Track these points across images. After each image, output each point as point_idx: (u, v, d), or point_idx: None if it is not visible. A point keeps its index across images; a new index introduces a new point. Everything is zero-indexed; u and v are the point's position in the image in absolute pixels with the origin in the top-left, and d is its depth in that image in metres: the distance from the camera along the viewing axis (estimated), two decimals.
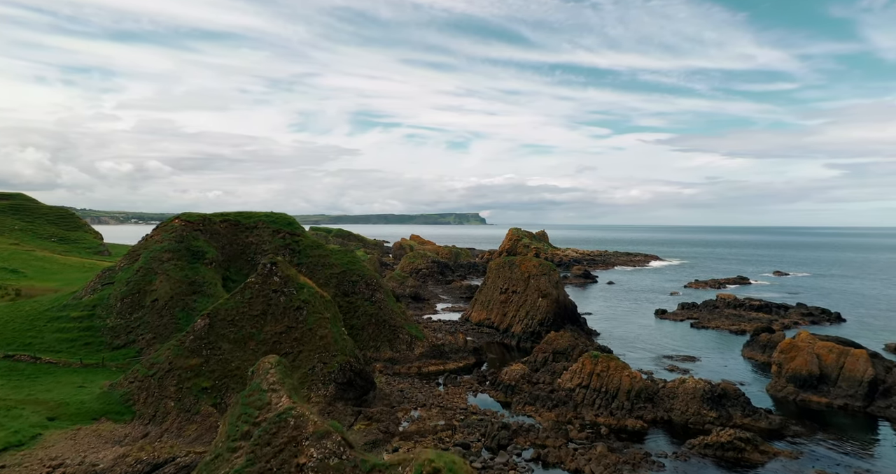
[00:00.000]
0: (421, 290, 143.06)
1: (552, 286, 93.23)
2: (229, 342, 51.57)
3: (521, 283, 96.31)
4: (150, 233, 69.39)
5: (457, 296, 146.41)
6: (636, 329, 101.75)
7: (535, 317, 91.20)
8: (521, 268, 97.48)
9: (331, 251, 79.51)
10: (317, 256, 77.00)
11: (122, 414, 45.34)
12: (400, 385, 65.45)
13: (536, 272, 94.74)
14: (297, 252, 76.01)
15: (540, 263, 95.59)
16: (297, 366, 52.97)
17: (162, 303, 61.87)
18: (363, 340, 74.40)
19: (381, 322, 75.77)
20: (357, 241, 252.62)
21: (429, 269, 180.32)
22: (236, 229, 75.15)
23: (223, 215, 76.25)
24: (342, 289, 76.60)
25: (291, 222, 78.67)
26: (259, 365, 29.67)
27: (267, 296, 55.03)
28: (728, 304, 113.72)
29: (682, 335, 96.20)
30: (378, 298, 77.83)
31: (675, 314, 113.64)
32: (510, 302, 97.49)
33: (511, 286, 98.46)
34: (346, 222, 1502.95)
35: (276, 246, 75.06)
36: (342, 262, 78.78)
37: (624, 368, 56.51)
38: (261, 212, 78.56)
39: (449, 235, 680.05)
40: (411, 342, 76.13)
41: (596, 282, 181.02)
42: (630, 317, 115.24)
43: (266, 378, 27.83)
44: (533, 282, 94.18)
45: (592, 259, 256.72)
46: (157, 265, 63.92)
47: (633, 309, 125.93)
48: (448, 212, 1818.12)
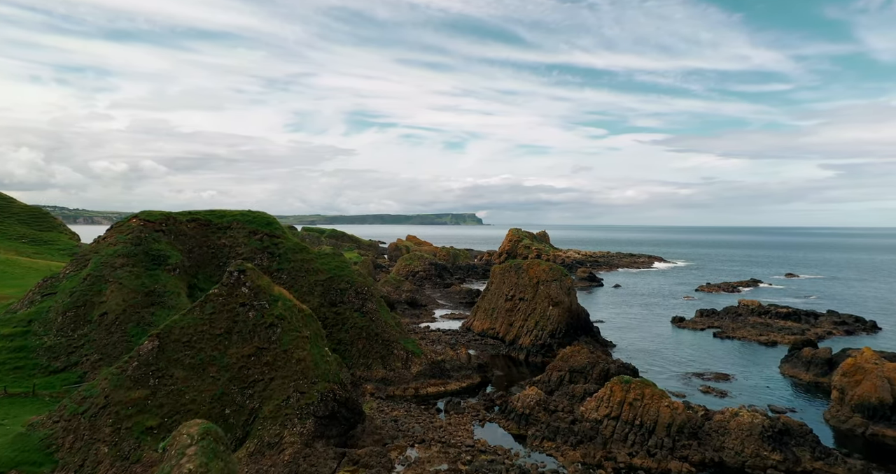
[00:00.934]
0: (418, 295, 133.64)
1: (564, 293, 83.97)
2: (184, 368, 42.02)
3: (529, 290, 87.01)
4: (103, 234, 59.79)
5: (456, 302, 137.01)
6: (653, 339, 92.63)
7: (545, 327, 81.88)
8: (529, 274, 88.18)
9: (316, 255, 70.04)
10: (299, 261, 67.50)
11: (40, 464, 35.74)
12: (394, 411, 56.03)
13: (546, 277, 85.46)
14: (276, 256, 66.50)
15: (550, 268, 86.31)
16: (267, 397, 43.50)
17: (112, 317, 52.25)
18: (352, 357, 64.97)
19: (373, 336, 66.34)
20: (351, 242, 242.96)
21: (426, 272, 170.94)
22: (206, 230, 65.60)
23: (192, 214, 66.62)
24: (329, 298, 67.11)
25: (271, 222, 69.17)
26: (174, 438, 20.24)
27: (233, 310, 45.49)
28: (752, 311, 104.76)
29: (706, 347, 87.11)
30: (369, 309, 68.39)
31: (695, 322, 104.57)
32: (517, 310, 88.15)
33: (518, 293, 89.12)
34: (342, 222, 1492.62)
35: (252, 249, 65.54)
36: (329, 268, 69.31)
37: (662, 397, 47.27)
38: (235, 211, 69.02)
39: (446, 236, 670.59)
40: (407, 359, 66.71)
41: (602, 286, 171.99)
42: (645, 325, 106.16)
43: (180, 465, 18.35)
44: (542, 289, 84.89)
45: (595, 260, 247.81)
46: (108, 272, 54.30)
47: (646, 315, 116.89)
48: (444, 213, 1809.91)
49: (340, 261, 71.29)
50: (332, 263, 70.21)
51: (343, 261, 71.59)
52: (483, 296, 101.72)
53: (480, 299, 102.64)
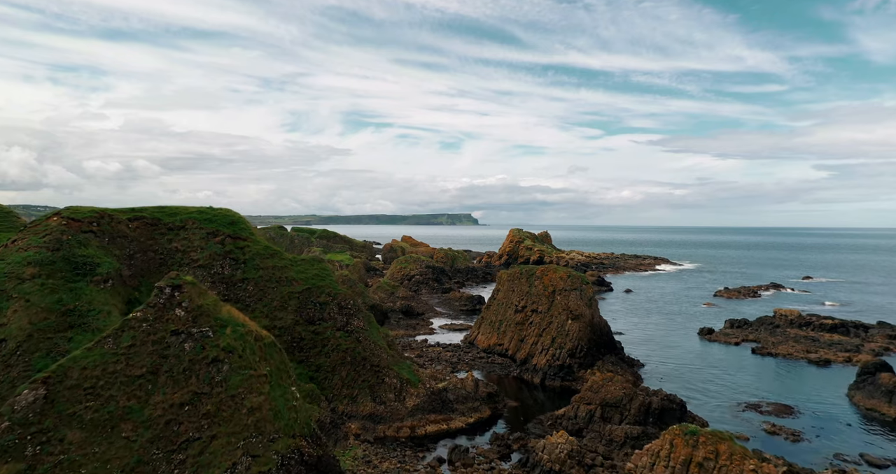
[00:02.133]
0: (414, 302, 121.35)
1: (584, 305, 71.90)
2: (83, 427, 29.68)
3: (543, 300, 74.90)
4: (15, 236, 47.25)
5: (456, 310, 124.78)
6: (684, 356, 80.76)
7: (563, 345, 69.76)
8: (543, 281, 76.10)
9: (291, 261, 57.66)
10: (269, 269, 55.10)
11: None
12: (384, 464, 43.83)
13: (564, 286, 73.38)
14: (240, 263, 54.11)
15: (568, 275, 74.18)
16: (205, 464, 31.19)
17: (13, 345, 39.77)
18: (334, 387, 52.71)
19: (360, 360, 54.09)
20: (343, 243, 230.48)
21: (423, 276, 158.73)
22: (153, 231, 53.16)
23: (136, 211, 54.11)
24: (305, 314, 54.77)
25: (235, 221, 56.74)
26: None
27: (161, 341, 33.15)
28: (791, 322, 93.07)
29: (748, 367, 75.31)
30: (356, 327, 56.10)
31: (726, 334, 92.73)
32: (529, 324, 76.04)
33: (531, 303, 77.00)
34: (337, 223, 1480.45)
35: (210, 254, 53.16)
36: (306, 277, 56.98)
37: (744, 457, 35.19)
38: (191, 208, 56.55)
39: (442, 236, 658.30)
40: (402, 388, 54.48)
41: (612, 290, 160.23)
42: (670, 338, 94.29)
43: None
44: (560, 300, 72.79)
45: (601, 262, 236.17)
46: (11, 286, 41.84)
47: (668, 326, 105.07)
48: (440, 213, 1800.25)
49: (320, 268, 58.95)
50: (310, 271, 57.88)
51: (324, 268, 59.27)
52: (488, 306, 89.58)
53: (485, 309, 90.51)
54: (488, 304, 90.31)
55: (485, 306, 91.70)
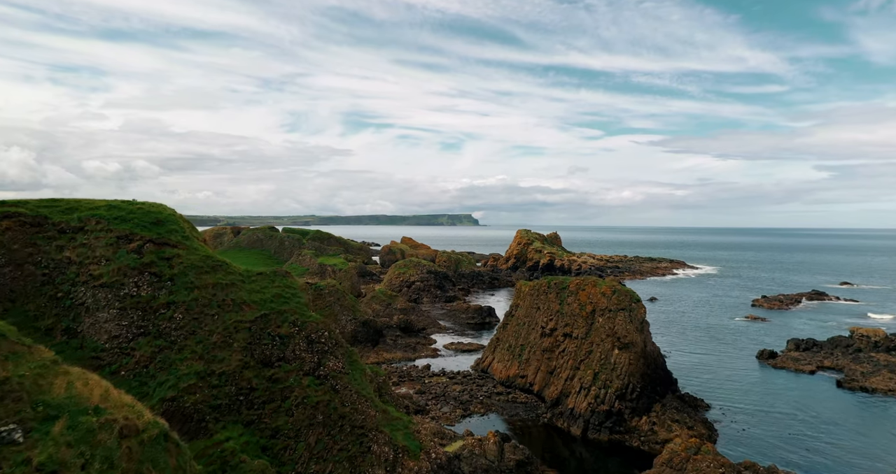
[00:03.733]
0: (413, 316, 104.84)
1: (635, 329, 55.35)
2: None
3: (579, 322, 58.33)
4: None
5: (462, 324, 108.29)
6: (754, 391, 64.27)
7: (609, 383, 53.16)
8: (579, 298, 59.53)
9: (241, 276, 41.15)
10: (208, 288, 38.60)
11: None
12: None
13: (607, 305, 56.83)
14: (165, 279, 37.65)
15: (613, 290, 57.53)
16: None
17: None
18: (298, 461, 36.16)
19: (337, 420, 37.60)
20: (337, 245, 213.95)
21: (424, 282, 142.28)
22: (35, 234, 36.86)
23: (8, 205, 37.65)
24: (259, 353, 38.20)
25: (162, 220, 40.15)
26: None
27: None
28: (876, 345, 76.55)
29: (846, 410, 58.72)
30: (332, 369, 39.58)
31: (795, 360, 76.12)
32: (561, 352, 59.48)
33: (562, 325, 60.43)
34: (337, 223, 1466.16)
35: (119, 267, 36.76)
36: (262, 298, 40.45)
37: None
38: (99, 201, 40.08)
39: (442, 237, 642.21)
40: (395, 460, 38.02)
41: None
42: (723, 362, 77.81)
43: None
44: (602, 323, 56.25)
45: (616, 266, 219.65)
46: None
47: (714, 346, 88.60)
48: (440, 213, 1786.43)
49: (284, 285, 42.38)
50: (269, 290, 41.35)
51: (289, 285, 42.68)
52: (504, 326, 73.10)
53: (501, 329, 74.04)
54: (504, 322, 73.84)
55: (500, 325, 75.20)
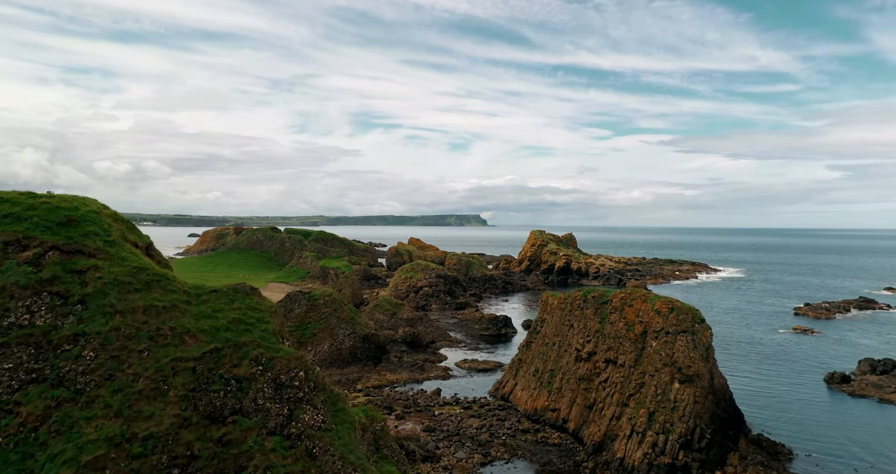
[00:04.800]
0: (421, 326, 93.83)
1: (701, 358, 43.91)
2: None
3: (627, 346, 47.01)
4: None
5: (475, 336, 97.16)
6: (839, 430, 52.56)
7: (670, 425, 41.81)
8: (625, 316, 48.17)
9: (189, 295, 30.35)
10: (136, 314, 27.86)
11: None
12: None
13: (663, 326, 45.45)
14: (73, 302, 26.99)
15: (671, 308, 46.04)
16: None
17: None
18: None
19: None
20: (342, 247, 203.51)
21: (432, 287, 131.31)
22: None
23: None
24: (206, 404, 27.24)
25: (78, 219, 29.24)
26: None
27: None
28: None
29: None
30: (309, 424, 28.57)
31: (877, 386, 63.94)
32: (603, 382, 48.20)
33: (603, 349, 49.13)
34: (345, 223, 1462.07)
35: (5, 285, 26.21)
36: (215, 325, 29.56)
37: None
38: None
39: (451, 237, 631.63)
40: None
41: None
42: (786, 388, 66.07)
43: None
44: (658, 348, 44.89)
45: (635, 269, 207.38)
46: None
47: (765, 364, 76.88)
48: (449, 214, 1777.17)
49: (247, 306, 31.39)
50: (223, 315, 30.42)
51: (253, 306, 31.70)
52: (528, 345, 61.95)
53: (524, 348, 62.88)
54: (528, 341, 62.66)
55: (522, 343, 63.99)
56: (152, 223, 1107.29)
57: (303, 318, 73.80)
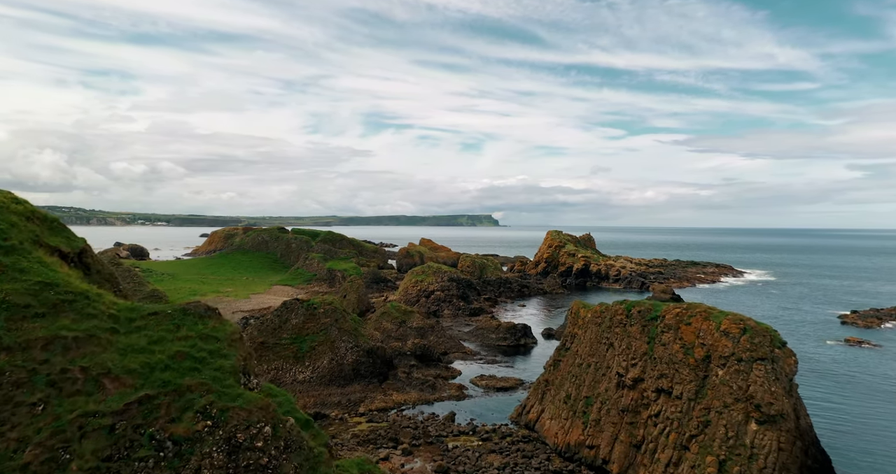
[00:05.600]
0: (432, 336, 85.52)
1: (784, 392, 34.91)
2: None
3: (685, 373, 38.21)
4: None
5: (492, 346, 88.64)
6: None
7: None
8: (682, 335, 39.32)
9: (117, 319, 22.33)
10: (35, 348, 19.92)
11: None
12: None
13: (733, 350, 36.53)
14: None
15: (743, 328, 37.00)
16: None
17: None
18: None
19: None
20: (350, 248, 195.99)
21: (444, 292, 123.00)
22: None
23: None
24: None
25: None
26: None
27: None
28: None
29: None
30: None
31: None
32: (654, 416, 39.45)
33: (654, 376, 40.37)
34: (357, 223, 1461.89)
35: None
36: (149, 364, 21.46)
37: None
38: None
39: (462, 237, 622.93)
40: None
41: None
42: (854, 411, 56.72)
43: None
44: (727, 378, 36.01)
45: (659, 272, 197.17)
46: None
47: (825, 382, 67.40)
48: (460, 214, 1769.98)
49: (199, 335, 23.35)
50: (163, 347, 22.31)
51: (207, 334, 23.67)
52: (557, 364, 53.36)
53: (551, 368, 54.31)
54: (555, 359, 54.07)
55: (549, 362, 55.37)
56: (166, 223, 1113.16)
57: (300, 330, 65.88)
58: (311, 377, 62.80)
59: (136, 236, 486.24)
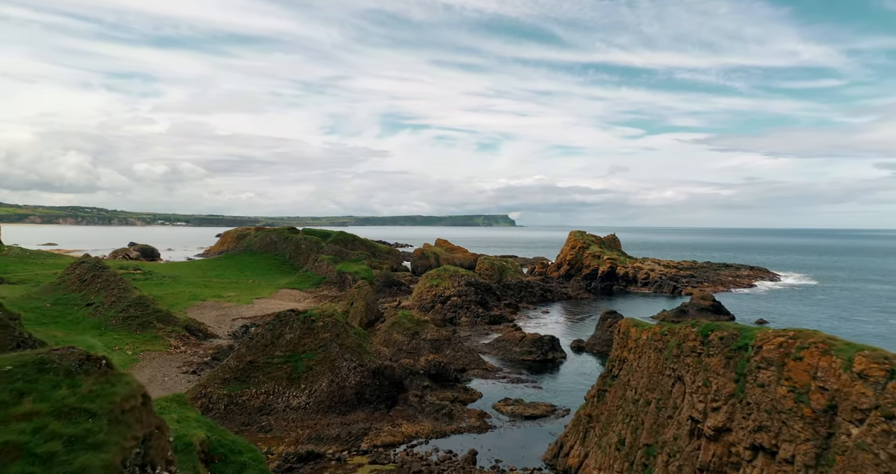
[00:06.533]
0: (449, 349, 75.85)
1: None
2: None
3: (798, 429, 27.88)
4: None
5: (516, 361, 78.62)
6: None
7: None
8: (790, 375, 28.93)
9: None
10: None
11: None
12: None
13: (876, 401, 26.07)
14: None
15: (886, 368, 26.78)
16: None
17: None
18: None
19: None
20: (363, 249, 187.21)
21: (462, 297, 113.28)
22: None
23: None
24: None
25: None
26: None
27: None
28: None
29: None
30: None
31: None
32: None
33: (748, 428, 30.07)
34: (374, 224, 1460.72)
35: None
36: None
37: None
38: None
39: (479, 238, 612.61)
40: None
41: (734, 321, 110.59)
42: None
43: None
44: (866, 442, 25.66)
45: (691, 275, 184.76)
46: None
47: None
48: (476, 214, 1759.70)
49: (63, 408, 14.15)
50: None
51: (81, 404, 14.55)
52: (601, 395, 43.23)
53: (594, 401, 44.16)
54: (600, 390, 43.97)
55: (591, 393, 45.25)
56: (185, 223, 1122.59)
57: (295, 346, 56.67)
58: (306, 403, 53.54)
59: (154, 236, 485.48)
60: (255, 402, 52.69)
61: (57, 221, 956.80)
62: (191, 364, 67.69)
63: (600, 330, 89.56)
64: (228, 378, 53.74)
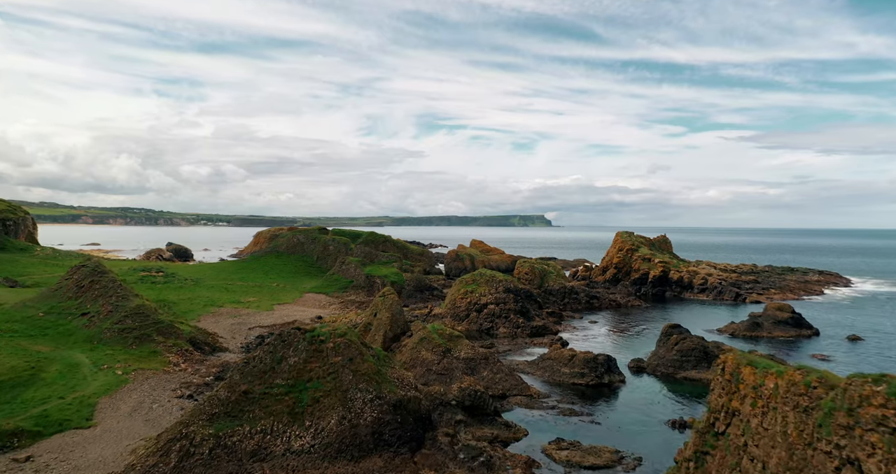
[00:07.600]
0: (486, 371, 64.40)
1: None
2: None
3: None
4: None
5: (565, 385, 66.41)
6: None
7: None
8: None
9: None
10: None
11: None
12: None
13: None
14: None
15: None
16: None
17: None
18: None
19: None
20: (394, 250, 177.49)
21: (500, 305, 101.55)
22: None
23: None
24: None
25: None
26: None
27: None
28: None
29: None
30: None
31: None
32: None
33: None
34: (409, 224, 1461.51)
35: None
36: None
37: None
38: None
39: (515, 238, 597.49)
40: None
41: (818, 335, 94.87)
42: None
43: None
44: None
45: (754, 280, 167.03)
46: None
47: None
48: (512, 214, 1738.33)
49: None
50: None
51: None
52: (701, 459, 30.88)
53: (689, 464, 31.83)
54: (698, 450, 31.73)
55: (685, 454, 33.00)
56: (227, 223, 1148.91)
57: (300, 373, 46.44)
58: (311, 445, 43.15)
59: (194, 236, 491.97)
60: (249, 444, 42.66)
61: (108, 222, 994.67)
62: (189, 385, 58.63)
63: (664, 348, 76.34)
64: (217, 412, 43.89)
